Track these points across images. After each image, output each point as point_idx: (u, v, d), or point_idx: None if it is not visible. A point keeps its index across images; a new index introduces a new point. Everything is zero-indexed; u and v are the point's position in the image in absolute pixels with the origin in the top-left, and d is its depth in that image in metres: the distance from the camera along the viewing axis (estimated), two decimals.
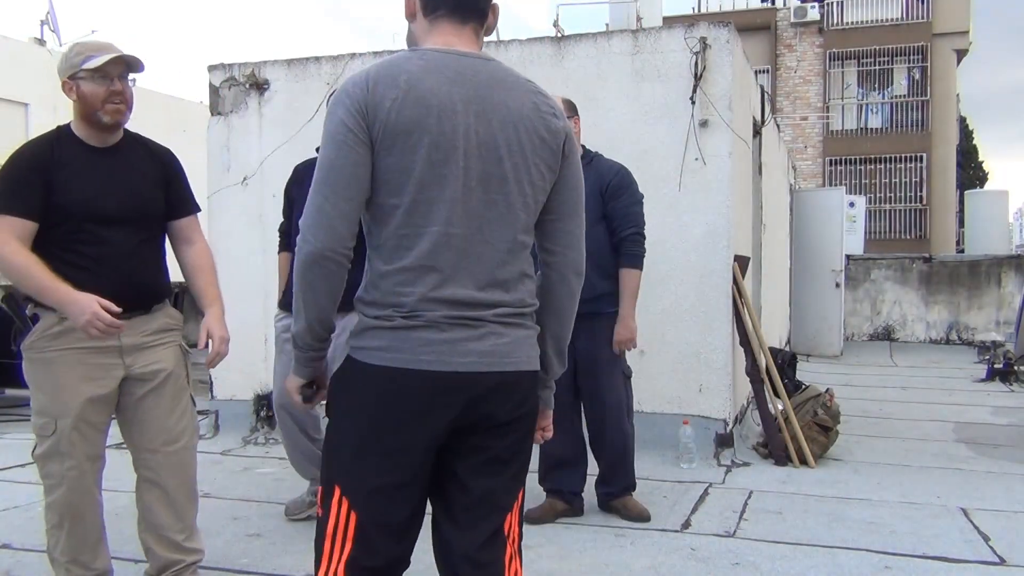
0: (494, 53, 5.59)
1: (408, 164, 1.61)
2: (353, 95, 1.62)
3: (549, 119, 1.72)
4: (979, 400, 7.79)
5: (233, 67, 6.09)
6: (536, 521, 3.78)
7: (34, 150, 2.59)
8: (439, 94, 1.62)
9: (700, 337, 5.12)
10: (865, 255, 13.78)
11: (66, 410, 2.56)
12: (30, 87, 16.96)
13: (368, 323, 1.65)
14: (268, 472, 4.78)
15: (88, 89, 2.56)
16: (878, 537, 3.64)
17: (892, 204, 20.93)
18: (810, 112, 21.18)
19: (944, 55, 20.93)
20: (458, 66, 1.67)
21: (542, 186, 1.73)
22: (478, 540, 1.71)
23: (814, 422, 5.07)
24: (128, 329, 2.59)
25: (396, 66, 1.65)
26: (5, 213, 2.49)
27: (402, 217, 1.63)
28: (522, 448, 1.76)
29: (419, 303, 1.61)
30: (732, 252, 5.15)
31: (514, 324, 1.69)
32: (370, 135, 1.61)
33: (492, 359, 1.65)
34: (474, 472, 1.70)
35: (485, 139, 1.65)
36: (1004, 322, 12.01)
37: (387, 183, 1.63)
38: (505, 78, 1.72)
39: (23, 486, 4.48)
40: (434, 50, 1.70)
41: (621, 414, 3.87)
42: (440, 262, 1.62)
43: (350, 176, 1.61)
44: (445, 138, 1.62)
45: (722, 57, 5.14)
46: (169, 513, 2.77)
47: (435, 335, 1.61)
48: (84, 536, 2.67)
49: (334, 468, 1.69)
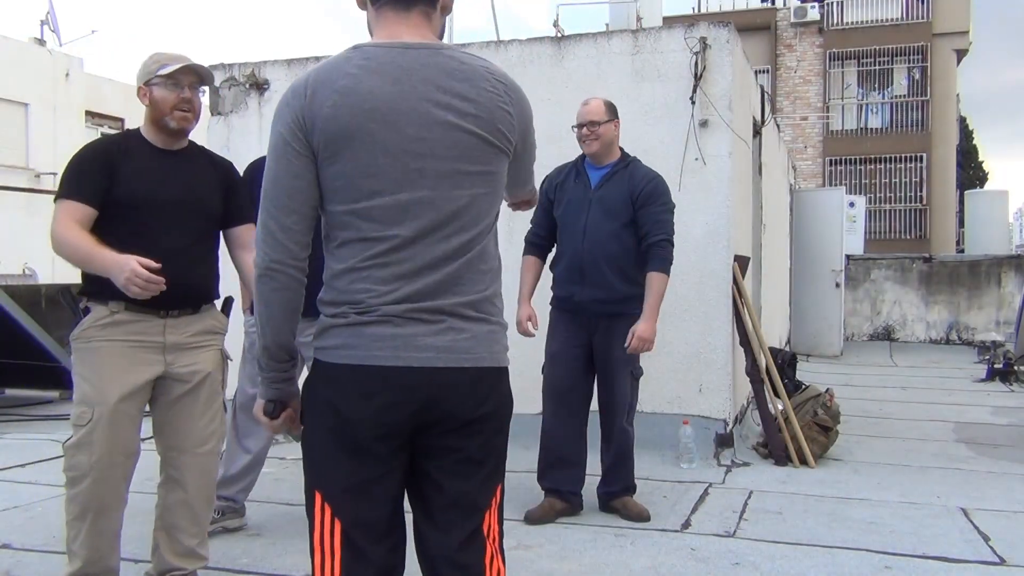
0: (494, 53, 5.60)
1: (354, 171, 1.59)
2: (292, 105, 1.60)
3: (506, 107, 1.67)
4: (979, 400, 7.79)
5: (233, 67, 6.09)
6: (537, 521, 3.78)
7: (103, 144, 2.78)
8: (382, 95, 1.58)
9: (700, 337, 5.12)
10: (865, 255, 13.78)
11: (105, 398, 2.61)
12: (30, 87, 16.96)
13: (326, 322, 1.65)
14: (268, 472, 4.78)
15: (159, 95, 2.71)
16: (878, 537, 3.64)
17: (892, 204, 20.92)
18: (810, 112, 21.17)
19: (944, 55, 20.93)
20: (403, 61, 1.61)
21: (499, 173, 1.70)
22: (456, 541, 1.68)
23: (814, 422, 5.07)
24: (173, 328, 2.70)
25: (336, 69, 1.60)
26: (66, 198, 2.62)
27: (354, 221, 1.60)
28: (494, 446, 1.73)
29: (371, 300, 1.60)
30: (732, 252, 5.15)
31: (476, 319, 1.66)
32: (311, 146, 1.59)
33: (450, 354, 1.62)
34: (447, 473, 1.68)
35: (434, 137, 1.60)
36: (1004, 322, 12.01)
37: (335, 191, 1.61)
38: (456, 68, 1.64)
39: (23, 486, 4.48)
40: (377, 45, 1.64)
41: (623, 414, 3.89)
42: (391, 262, 1.60)
43: (291, 189, 1.60)
44: (391, 141, 1.58)
45: (722, 57, 5.14)
46: (187, 516, 2.81)
47: (389, 330, 1.59)
48: (105, 531, 2.68)
49: (310, 472, 1.69)
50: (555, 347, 3.91)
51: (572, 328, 3.87)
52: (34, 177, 16.53)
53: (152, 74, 2.71)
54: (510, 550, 3.44)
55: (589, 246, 3.78)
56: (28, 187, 15.07)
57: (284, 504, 4.11)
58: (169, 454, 2.81)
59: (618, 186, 3.86)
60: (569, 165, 4.01)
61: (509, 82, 1.71)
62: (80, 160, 2.68)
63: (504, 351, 1.73)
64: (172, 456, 2.80)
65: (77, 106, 17.67)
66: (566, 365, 3.88)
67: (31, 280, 13.49)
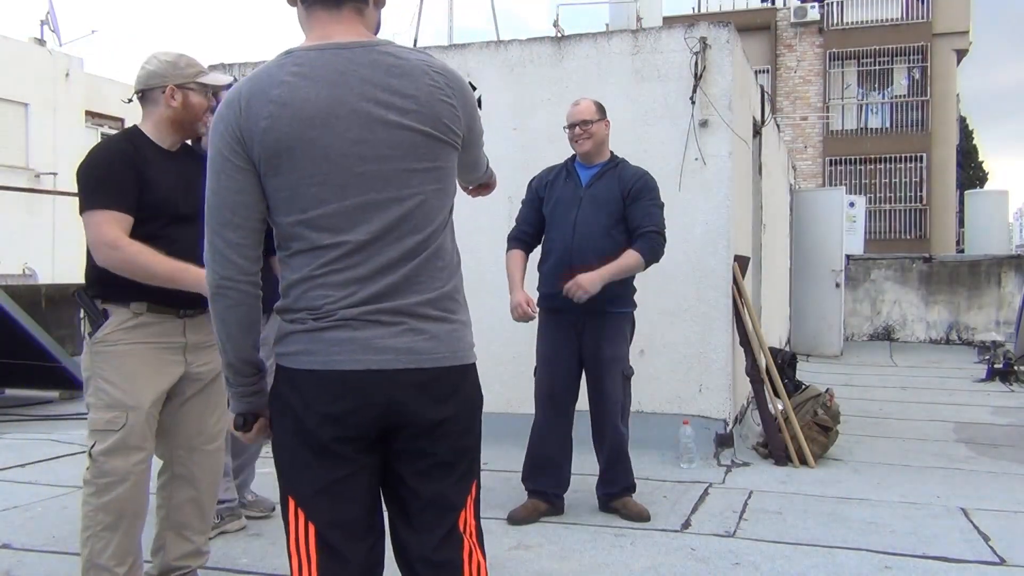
0: (494, 53, 5.61)
1: (297, 181, 1.56)
2: (227, 119, 1.57)
3: (448, 99, 1.64)
4: (979, 400, 7.79)
5: (233, 67, 6.09)
6: (520, 522, 3.78)
7: (122, 148, 2.68)
8: (319, 101, 1.54)
9: (700, 337, 5.12)
10: (865, 255, 13.79)
11: (140, 402, 2.59)
12: (30, 87, 16.96)
13: (286, 328, 1.63)
14: (268, 472, 4.78)
15: (196, 100, 2.74)
16: (878, 537, 3.64)
17: (892, 204, 20.93)
18: (810, 112, 21.18)
19: (944, 55, 20.93)
20: (337, 63, 1.57)
21: (448, 167, 1.68)
22: (433, 541, 1.67)
23: (814, 422, 5.07)
24: (192, 328, 2.72)
25: (269, 77, 1.56)
26: (106, 208, 2.56)
27: (304, 232, 1.58)
28: (465, 447, 1.70)
29: (328, 305, 1.58)
30: (732, 252, 5.15)
31: (436, 318, 1.63)
32: (251, 159, 1.56)
33: (411, 356, 1.59)
34: (421, 477, 1.66)
35: (377, 138, 1.57)
36: (1004, 322, 12.01)
37: (281, 202, 1.58)
38: (393, 64, 1.60)
39: (23, 486, 4.48)
40: (309, 48, 1.60)
41: (616, 414, 3.86)
42: (345, 267, 1.58)
43: (235, 205, 1.58)
44: (332, 147, 1.55)
45: (722, 57, 5.14)
46: (195, 513, 2.82)
47: (348, 334, 1.57)
48: (135, 536, 2.65)
49: (282, 477, 1.68)
50: (546, 350, 3.88)
51: (561, 329, 3.84)
52: (34, 177, 16.53)
53: (189, 78, 2.71)
54: (510, 550, 3.45)
55: (579, 242, 3.74)
56: (28, 187, 15.06)
57: None
58: (177, 452, 2.80)
59: (608, 183, 3.85)
60: (559, 166, 4.00)
61: (449, 73, 1.67)
62: (108, 166, 2.63)
63: (469, 348, 1.71)
64: (181, 455, 2.79)
65: (77, 106, 17.67)
66: (558, 369, 3.85)
67: (31, 280, 13.50)
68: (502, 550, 3.44)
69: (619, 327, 3.83)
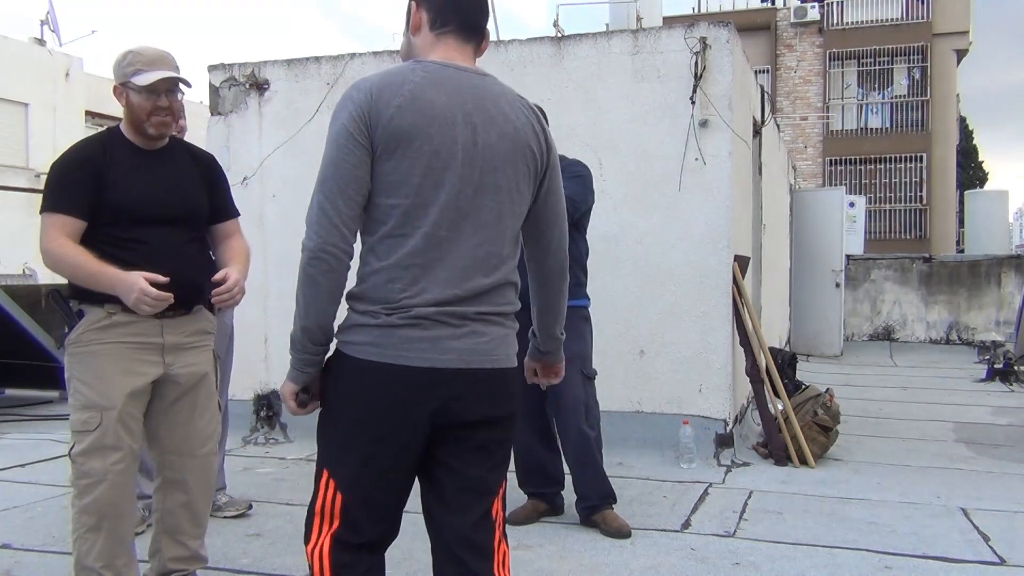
0: (494, 53, 5.60)
1: (407, 168, 1.70)
2: (357, 100, 1.71)
3: (539, 134, 1.85)
4: (979, 400, 7.79)
5: (233, 67, 6.09)
6: (521, 522, 3.78)
7: (85, 149, 2.64)
8: (439, 105, 1.72)
9: (700, 337, 5.11)
10: (865, 255, 13.78)
11: (112, 402, 2.55)
12: (30, 87, 16.97)
13: (355, 319, 1.74)
14: (268, 472, 4.78)
15: (136, 101, 2.62)
16: (878, 537, 3.64)
17: (892, 204, 20.93)
18: (810, 112, 21.18)
19: (944, 55, 20.93)
20: (458, 79, 1.77)
21: (528, 195, 1.85)
22: (470, 521, 1.80)
23: (814, 422, 5.07)
24: (171, 329, 2.65)
25: (400, 76, 1.74)
26: (54, 211, 2.54)
27: (398, 218, 1.71)
28: (506, 439, 1.88)
29: (405, 300, 1.70)
30: (732, 252, 5.15)
31: (495, 323, 1.79)
32: (371, 139, 1.70)
33: (472, 356, 1.74)
34: (462, 459, 1.80)
35: (481, 150, 1.74)
36: (1004, 322, 12.01)
37: (386, 185, 1.71)
38: (502, 92, 1.82)
39: (23, 486, 4.48)
40: (435, 63, 1.79)
41: (579, 415, 3.73)
42: (429, 262, 1.71)
43: (350, 177, 1.69)
44: (444, 147, 1.71)
45: (722, 57, 5.14)
46: (189, 518, 2.78)
47: (418, 333, 1.69)
48: (122, 538, 2.62)
49: (323, 454, 1.81)
50: None
51: None
52: (34, 177, 16.54)
53: (127, 77, 2.61)
54: (510, 550, 3.45)
55: None
56: (28, 187, 15.07)
57: (284, 504, 4.11)
58: (168, 458, 2.75)
59: None
60: None
61: (540, 112, 1.90)
62: (65, 169, 2.58)
63: (516, 352, 1.86)
64: (171, 460, 2.75)
65: (77, 106, 17.69)
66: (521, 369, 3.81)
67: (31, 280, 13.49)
68: None
69: (573, 324, 3.76)
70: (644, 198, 5.24)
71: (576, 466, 3.79)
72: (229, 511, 3.89)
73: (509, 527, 3.73)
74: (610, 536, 3.64)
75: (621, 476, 4.48)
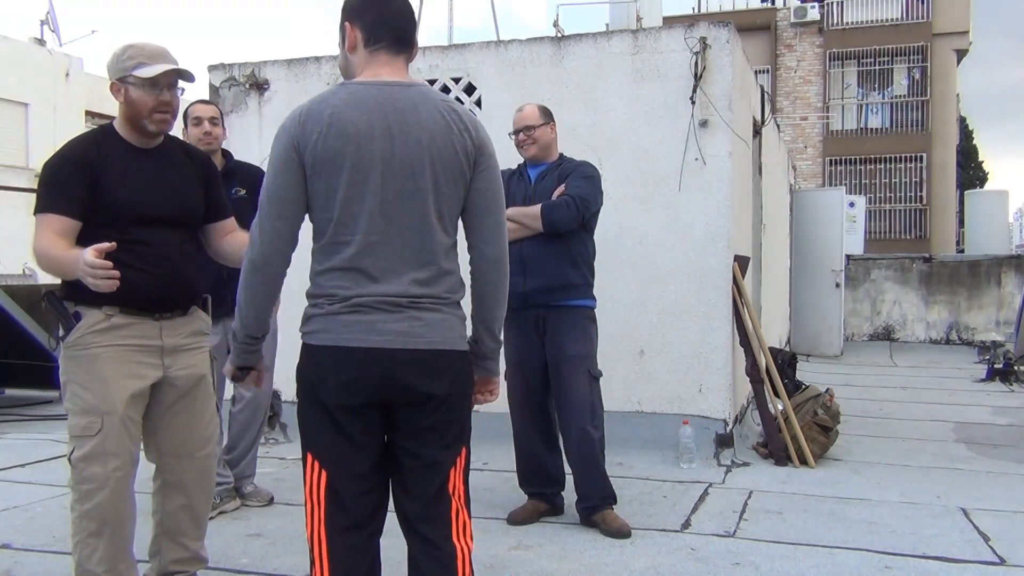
0: (494, 53, 5.61)
1: (333, 185, 1.92)
2: (289, 130, 1.94)
3: (463, 132, 1.99)
4: (979, 400, 7.79)
5: (233, 67, 6.09)
6: (521, 522, 3.78)
7: (79, 149, 2.59)
8: (359, 123, 1.91)
9: (700, 337, 5.12)
10: (865, 255, 13.78)
11: (113, 406, 2.51)
12: (30, 87, 16.98)
13: (308, 312, 1.99)
14: (268, 472, 4.78)
15: (137, 96, 2.56)
16: (878, 537, 3.64)
17: (892, 204, 20.92)
18: (810, 112, 21.17)
19: (944, 55, 20.92)
20: (379, 96, 1.95)
21: (454, 194, 2.00)
22: (427, 498, 2.00)
23: (814, 422, 5.07)
24: (169, 330, 2.65)
25: (324, 102, 1.94)
26: (47, 211, 2.51)
27: (333, 228, 1.94)
28: (454, 420, 2.02)
29: (344, 293, 1.93)
30: (732, 252, 5.15)
31: (431, 309, 1.97)
32: (303, 163, 1.92)
33: (407, 337, 1.93)
34: (415, 441, 1.99)
35: (400, 159, 1.92)
36: (1004, 322, 12.01)
37: (319, 201, 1.95)
38: (422, 102, 1.97)
39: (23, 486, 4.48)
40: (359, 83, 1.98)
41: (584, 416, 3.73)
42: (363, 264, 1.92)
43: (285, 198, 1.94)
44: (363, 161, 1.91)
45: (722, 57, 5.14)
46: (189, 520, 2.77)
47: (356, 317, 1.92)
48: (123, 542, 2.59)
49: (304, 437, 2.02)
50: (512, 353, 3.80)
51: (524, 331, 3.78)
52: (34, 177, 16.51)
53: (127, 71, 2.54)
54: (510, 550, 3.46)
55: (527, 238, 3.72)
56: (28, 187, 15.06)
57: (284, 504, 4.11)
58: (166, 460, 2.73)
59: (550, 180, 3.86)
60: (512, 169, 3.96)
61: (465, 113, 2.03)
62: (57, 169, 2.54)
63: (459, 337, 2.03)
64: (170, 462, 2.73)
65: (77, 106, 17.69)
66: (528, 370, 3.82)
67: (31, 280, 13.48)
68: (502, 550, 3.45)
69: (580, 324, 3.79)
70: (644, 198, 5.24)
71: (578, 466, 3.79)
72: (253, 501, 4.08)
73: (509, 527, 3.75)
74: (610, 536, 3.64)
75: (621, 476, 4.48)
